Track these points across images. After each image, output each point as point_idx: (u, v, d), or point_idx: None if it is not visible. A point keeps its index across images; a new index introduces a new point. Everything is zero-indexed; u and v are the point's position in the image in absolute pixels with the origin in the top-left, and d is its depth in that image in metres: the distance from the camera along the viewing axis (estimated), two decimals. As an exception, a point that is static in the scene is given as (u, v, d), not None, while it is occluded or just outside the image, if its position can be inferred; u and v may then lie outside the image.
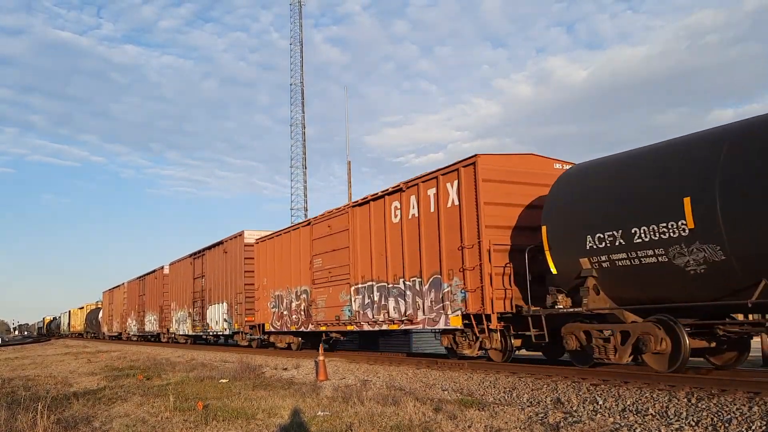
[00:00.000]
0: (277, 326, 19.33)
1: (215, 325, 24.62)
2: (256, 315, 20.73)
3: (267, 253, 20.09)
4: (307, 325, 17.32)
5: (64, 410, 8.51)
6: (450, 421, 6.43)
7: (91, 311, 64.63)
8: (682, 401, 6.75)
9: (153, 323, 35.38)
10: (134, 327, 40.17)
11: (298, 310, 17.89)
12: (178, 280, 30.18)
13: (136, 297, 39.51)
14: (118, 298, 45.83)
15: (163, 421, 7.39)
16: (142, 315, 38.04)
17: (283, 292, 18.82)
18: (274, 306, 19.48)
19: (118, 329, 44.77)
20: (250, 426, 6.84)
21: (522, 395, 8.20)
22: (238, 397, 9.08)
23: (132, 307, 41.15)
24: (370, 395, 8.42)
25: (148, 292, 36.63)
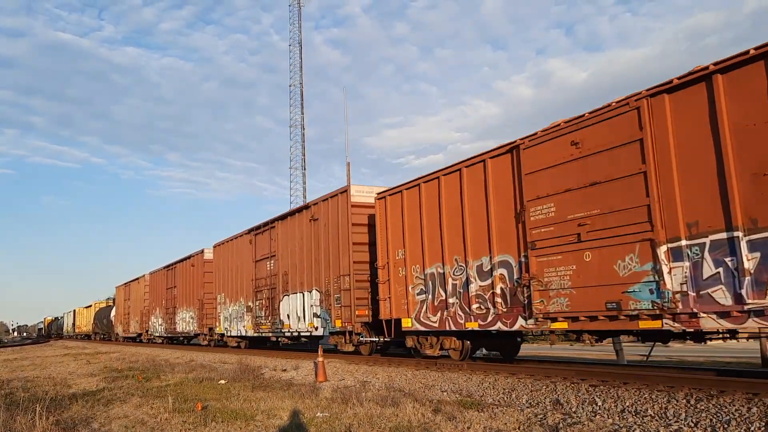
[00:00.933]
0: (431, 322, 12.27)
1: (296, 322, 18.21)
2: (385, 305, 13.60)
3: (405, 210, 13.13)
4: (510, 319, 10.38)
5: (63, 411, 8.50)
6: (449, 422, 6.43)
7: (101, 310, 56.76)
8: (681, 402, 6.76)
9: (189, 322, 28.17)
10: (160, 326, 33.04)
11: (485, 294, 10.89)
12: (229, 266, 23.98)
13: (162, 290, 32.72)
14: (136, 292, 38.69)
15: (162, 423, 7.39)
16: (171, 312, 30.91)
17: (448, 268, 11.85)
18: (423, 291, 12.49)
19: (137, 329, 38.04)
20: (249, 427, 6.83)
21: (521, 396, 8.20)
22: (237, 399, 9.07)
23: (156, 302, 34.07)
24: (369, 396, 8.42)
25: (182, 283, 29.55)
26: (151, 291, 35.47)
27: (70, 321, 73.18)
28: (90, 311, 63.61)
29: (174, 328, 30.44)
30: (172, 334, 31.07)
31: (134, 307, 39.24)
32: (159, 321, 33.21)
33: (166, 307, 31.88)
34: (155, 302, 34.24)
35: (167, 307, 31.72)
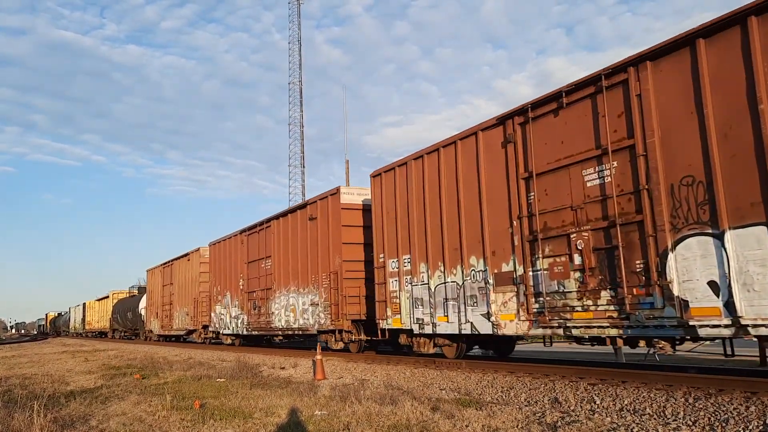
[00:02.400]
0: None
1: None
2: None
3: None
4: None
5: (61, 409, 8.49)
6: (447, 421, 6.43)
7: (122, 302, 45.45)
8: (680, 401, 6.76)
9: (307, 313, 17.02)
10: (234, 322, 22.27)
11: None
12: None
13: (236, 266, 22.30)
14: (184, 274, 28.68)
15: (160, 420, 7.38)
16: (256, 298, 20.45)
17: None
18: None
19: (187, 324, 27.97)
20: (247, 425, 6.82)
21: (520, 395, 8.20)
22: (236, 396, 9.06)
23: (226, 284, 23.09)
24: (367, 394, 8.41)
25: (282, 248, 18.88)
26: (217, 268, 24.32)
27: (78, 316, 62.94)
28: (105, 304, 53.10)
29: (269, 322, 19.35)
30: (263, 331, 20.16)
31: (180, 294, 29.23)
32: (234, 312, 22.34)
33: (244, 292, 21.44)
34: (223, 284, 23.46)
35: (249, 290, 21.06)
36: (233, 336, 23.88)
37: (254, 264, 20.99)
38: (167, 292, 31.88)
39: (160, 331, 32.93)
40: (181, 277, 29.50)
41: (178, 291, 29.92)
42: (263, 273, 20.25)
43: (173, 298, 30.74)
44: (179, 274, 29.89)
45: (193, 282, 27.28)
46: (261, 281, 20.31)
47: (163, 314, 32.31)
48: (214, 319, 24.25)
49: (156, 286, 34.34)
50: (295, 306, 18.17)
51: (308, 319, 17.16)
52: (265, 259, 20.16)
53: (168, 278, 32.11)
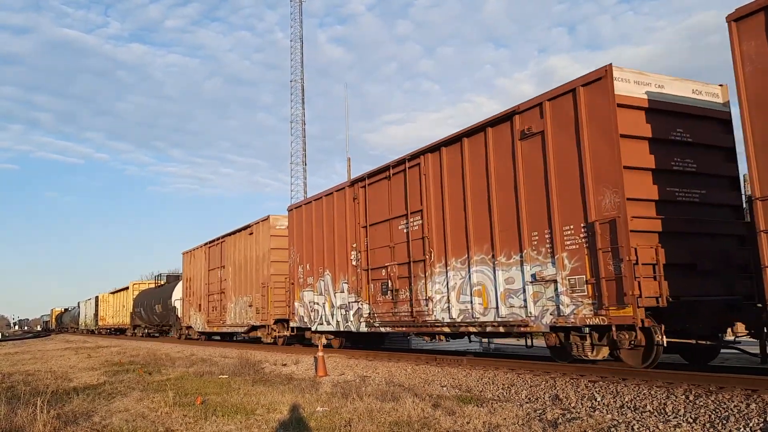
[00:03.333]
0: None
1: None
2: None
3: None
4: None
5: (64, 405, 8.53)
6: (448, 417, 6.45)
7: (145, 294, 38.22)
8: (680, 398, 6.77)
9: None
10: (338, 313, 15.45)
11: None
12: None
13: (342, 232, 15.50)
14: (244, 251, 22.17)
15: (162, 417, 7.42)
16: (390, 277, 13.54)
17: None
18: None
19: (249, 320, 21.21)
20: (249, 421, 6.86)
21: (520, 392, 8.22)
22: (238, 393, 9.10)
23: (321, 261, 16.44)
24: (369, 391, 8.44)
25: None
26: (306, 239, 17.23)
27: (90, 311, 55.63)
28: (123, 297, 45.63)
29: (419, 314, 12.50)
30: (413, 327, 12.90)
31: (240, 279, 22.35)
32: (338, 299, 15.48)
33: (373, 267, 14.19)
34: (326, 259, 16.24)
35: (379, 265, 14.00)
36: (334, 334, 16.87)
37: (381, 227, 13.87)
38: (215, 278, 24.88)
39: (204, 327, 25.75)
40: (238, 257, 22.56)
41: (234, 276, 22.76)
42: (401, 238, 13.16)
43: (226, 285, 23.55)
44: (236, 253, 22.84)
45: (260, 262, 20.49)
46: (397, 251, 13.23)
47: (209, 306, 25.37)
48: (300, 311, 17.11)
49: (197, 271, 27.22)
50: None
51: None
52: (408, 217, 12.93)
53: (217, 260, 24.91)
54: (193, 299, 27.81)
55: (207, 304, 25.79)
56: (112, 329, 49.68)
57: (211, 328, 25.44)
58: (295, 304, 17.72)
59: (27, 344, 37.46)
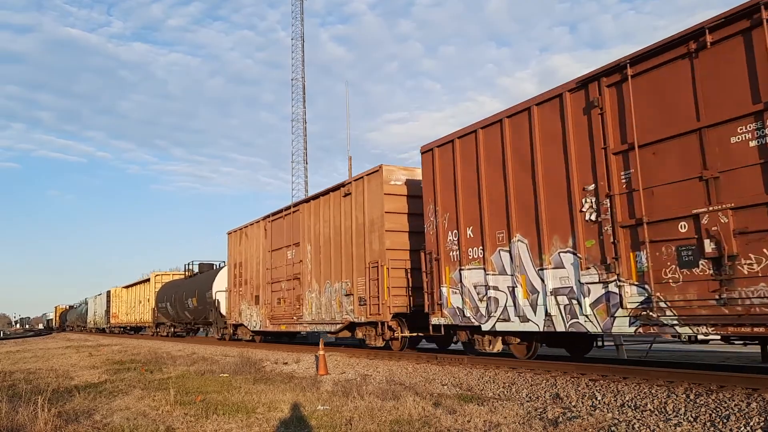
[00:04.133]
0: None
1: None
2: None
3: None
4: None
5: (66, 403, 8.55)
6: (449, 416, 6.45)
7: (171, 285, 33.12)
8: (681, 397, 6.77)
9: None
10: (547, 302, 9.38)
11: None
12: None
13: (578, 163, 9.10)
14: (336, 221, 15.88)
15: (163, 415, 7.43)
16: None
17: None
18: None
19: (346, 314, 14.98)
20: (250, 420, 6.86)
21: (521, 390, 8.23)
22: (239, 391, 9.11)
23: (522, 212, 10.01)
24: (370, 390, 8.45)
25: None
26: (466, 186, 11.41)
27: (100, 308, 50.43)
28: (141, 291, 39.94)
29: None
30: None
31: (324, 259, 16.34)
32: (554, 280, 9.44)
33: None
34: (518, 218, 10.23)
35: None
36: (528, 336, 10.78)
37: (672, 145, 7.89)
38: (282, 260, 18.69)
39: (265, 324, 19.76)
40: (324, 229, 16.30)
41: (317, 255, 16.57)
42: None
43: (302, 269, 17.29)
44: (319, 224, 16.54)
45: (366, 233, 14.26)
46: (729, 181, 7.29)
47: (273, 298, 19.37)
48: (454, 300, 11.50)
49: (251, 253, 21.38)
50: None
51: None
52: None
53: (285, 236, 18.61)
54: (246, 290, 21.68)
55: (269, 296, 19.62)
56: (126, 328, 44.09)
57: (276, 326, 19.09)
58: (442, 290, 11.70)
59: (28, 342, 37.51)
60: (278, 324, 19.05)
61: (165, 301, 32.85)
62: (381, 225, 13.81)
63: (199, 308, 27.38)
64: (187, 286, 29.64)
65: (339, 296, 15.44)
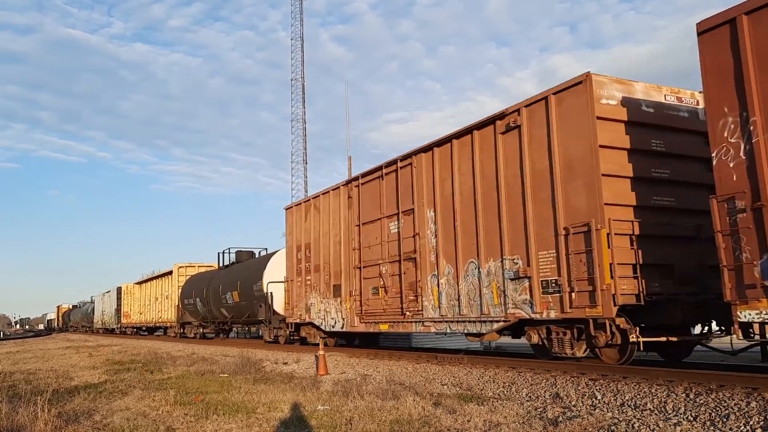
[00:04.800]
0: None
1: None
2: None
3: None
4: None
5: (66, 404, 8.55)
6: (449, 416, 6.46)
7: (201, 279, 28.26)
8: (681, 396, 6.78)
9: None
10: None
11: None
12: None
13: None
14: (494, 163, 10.80)
15: (163, 415, 7.43)
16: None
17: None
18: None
19: (514, 307, 10.17)
20: (250, 420, 6.87)
21: (521, 390, 8.23)
22: (239, 391, 9.11)
23: None
24: (370, 389, 8.45)
25: None
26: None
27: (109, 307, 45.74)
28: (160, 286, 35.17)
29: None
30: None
31: (468, 228, 11.43)
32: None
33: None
34: None
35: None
36: None
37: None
38: (379, 236, 14.05)
39: (355, 323, 14.85)
40: (459, 187, 11.76)
41: (446, 225, 12.05)
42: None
43: (422, 245, 12.59)
44: (451, 179, 11.95)
45: (564, 180, 9.53)
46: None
47: (366, 288, 14.50)
48: None
49: (325, 231, 16.48)
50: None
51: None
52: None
53: (384, 203, 13.97)
54: (317, 278, 16.87)
55: (357, 285, 14.74)
56: (141, 328, 39.49)
57: (371, 326, 14.26)
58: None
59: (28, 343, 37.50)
60: (375, 322, 14.11)
61: (193, 296, 27.87)
62: (591, 167, 9.02)
63: (242, 304, 22.75)
64: (225, 278, 24.90)
65: (497, 281, 10.68)
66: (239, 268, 24.50)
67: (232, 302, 23.75)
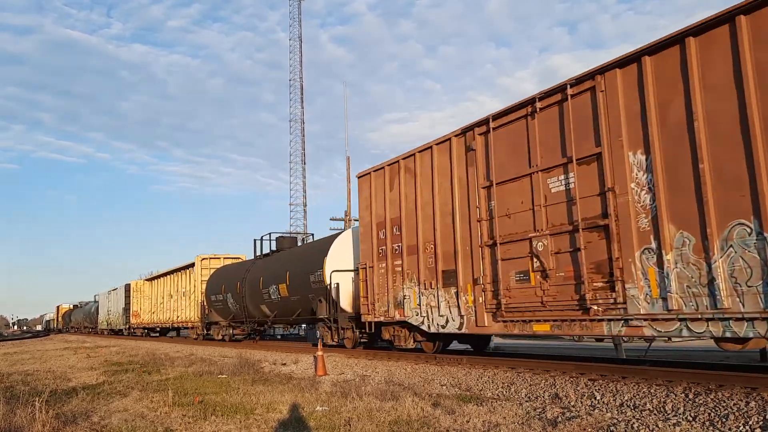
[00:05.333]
0: None
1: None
2: None
3: None
4: None
5: (63, 405, 8.53)
6: (448, 416, 6.44)
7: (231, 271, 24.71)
8: (680, 396, 6.77)
9: None
10: None
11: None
12: None
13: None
14: None
15: (162, 416, 7.41)
16: None
17: None
18: None
19: None
20: (248, 421, 6.85)
21: (520, 390, 8.22)
22: (237, 392, 9.09)
23: None
24: (368, 390, 8.44)
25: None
26: None
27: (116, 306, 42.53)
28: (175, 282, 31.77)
29: None
30: None
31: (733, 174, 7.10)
32: None
33: None
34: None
35: None
36: None
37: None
38: (528, 199, 10.02)
39: (485, 321, 10.75)
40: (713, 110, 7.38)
41: (678, 172, 7.78)
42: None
43: (625, 206, 8.35)
44: (692, 104, 7.51)
45: None
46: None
47: (506, 273, 10.36)
48: None
49: (426, 200, 12.59)
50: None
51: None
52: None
53: (539, 150, 9.81)
54: (411, 263, 12.94)
55: (488, 269, 10.81)
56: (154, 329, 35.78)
57: (514, 325, 10.24)
58: None
59: (26, 344, 37.43)
60: (523, 321, 10.08)
61: (222, 292, 23.88)
62: None
63: (292, 299, 18.80)
64: (267, 268, 20.96)
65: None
66: (287, 256, 20.30)
67: (277, 297, 19.66)
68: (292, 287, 18.66)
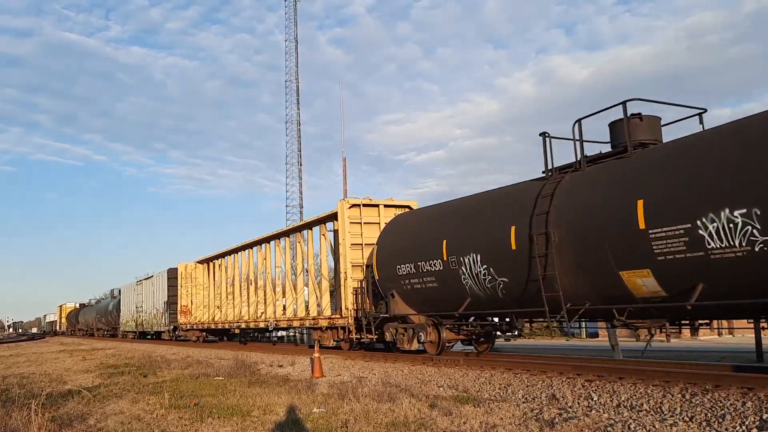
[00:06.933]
0: None
1: None
2: None
3: None
4: None
5: (59, 408, 8.49)
6: (445, 418, 6.44)
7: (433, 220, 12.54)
8: (677, 397, 6.78)
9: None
10: None
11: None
12: None
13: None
14: None
15: (158, 419, 7.38)
16: None
17: None
18: None
19: None
20: (245, 423, 6.83)
21: (517, 391, 8.22)
22: (234, 395, 9.07)
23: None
24: (365, 392, 8.42)
25: None
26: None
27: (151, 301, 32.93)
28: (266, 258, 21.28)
29: None
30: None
31: None
32: None
33: None
34: None
35: None
36: None
37: None
38: None
39: None
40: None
41: None
42: None
43: None
44: None
45: None
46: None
47: None
48: None
49: None
50: None
51: None
52: None
53: None
54: None
55: None
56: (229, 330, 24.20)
57: None
58: None
59: (21, 347, 37.28)
60: None
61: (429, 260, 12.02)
62: None
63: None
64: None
65: None
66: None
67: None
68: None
